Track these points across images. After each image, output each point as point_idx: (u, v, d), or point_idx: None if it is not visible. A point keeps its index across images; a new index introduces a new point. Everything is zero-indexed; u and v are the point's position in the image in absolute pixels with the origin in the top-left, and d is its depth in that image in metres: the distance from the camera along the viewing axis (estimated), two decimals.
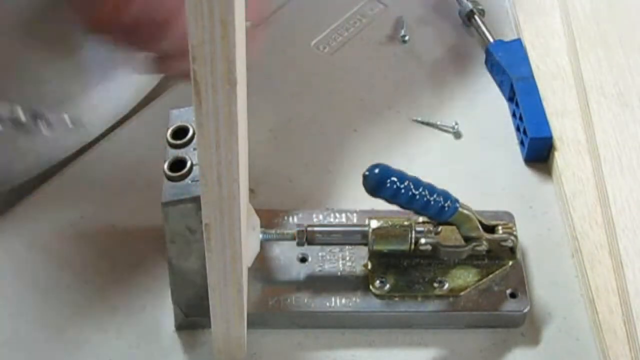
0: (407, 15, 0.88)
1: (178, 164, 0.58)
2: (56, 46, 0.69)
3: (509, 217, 0.70)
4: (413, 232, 0.65)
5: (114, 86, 0.76)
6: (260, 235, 0.63)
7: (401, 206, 0.64)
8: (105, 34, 0.64)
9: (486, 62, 0.84)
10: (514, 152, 0.77)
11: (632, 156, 0.72)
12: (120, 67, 0.70)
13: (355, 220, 0.70)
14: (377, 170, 0.63)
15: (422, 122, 0.80)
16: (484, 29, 0.86)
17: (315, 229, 0.66)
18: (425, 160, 0.77)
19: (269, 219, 0.69)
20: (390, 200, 0.63)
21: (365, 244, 0.66)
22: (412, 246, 0.65)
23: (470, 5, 0.87)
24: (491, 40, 0.84)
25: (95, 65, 0.73)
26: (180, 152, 0.59)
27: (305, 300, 0.65)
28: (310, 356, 0.65)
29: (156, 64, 0.66)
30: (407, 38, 0.86)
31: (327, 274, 0.67)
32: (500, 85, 0.82)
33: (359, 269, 0.67)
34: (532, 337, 0.66)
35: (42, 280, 0.68)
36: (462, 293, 0.66)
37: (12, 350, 0.65)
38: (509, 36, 0.85)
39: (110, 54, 0.67)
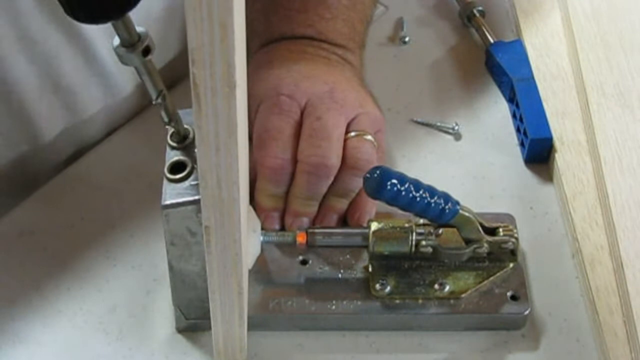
0: (407, 16, 0.88)
1: (178, 167, 0.58)
2: None
3: (509, 219, 0.69)
4: (413, 234, 0.65)
5: None
6: (261, 238, 0.63)
7: (402, 208, 0.64)
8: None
9: (486, 63, 0.84)
10: (514, 153, 0.77)
11: (632, 156, 0.72)
12: None
13: None
14: (377, 173, 0.62)
15: (422, 123, 0.80)
16: (484, 29, 0.85)
17: (316, 231, 0.66)
18: (425, 161, 0.77)
19: None
20: (390, 202, 0.63)
21: (366, 246, 0.66)
22: (413, 248, 0.65)
23: (470, 6, 0.87)
24: (491, 41, 0.84)
25: None
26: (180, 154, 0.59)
27: (306, 303, 0.65)
28: (311, 358, 0.65)
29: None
30: (407, 39, 0.86)
31: (327, 276, 0.67)
32: (500, 86, 0.82)
33: (359, 271, 0.67)
34: (533, 338, 0.66)
35: (42, 281, 0.68)
36: (462, 295, 0.66)
37: (13, 351, 0.65)
38: (509, 37, 0.85)
39: None
